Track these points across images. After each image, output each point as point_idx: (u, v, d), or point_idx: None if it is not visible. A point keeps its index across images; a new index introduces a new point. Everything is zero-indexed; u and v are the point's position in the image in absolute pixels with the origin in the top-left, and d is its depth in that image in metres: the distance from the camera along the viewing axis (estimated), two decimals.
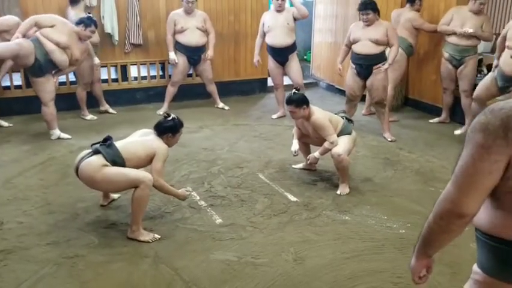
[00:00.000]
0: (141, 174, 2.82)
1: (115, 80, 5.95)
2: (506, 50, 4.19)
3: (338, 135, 3.59)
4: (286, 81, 5.77)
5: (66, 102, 5.23)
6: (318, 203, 3.38)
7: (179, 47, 5.54)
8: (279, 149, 4.49)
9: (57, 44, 4.39)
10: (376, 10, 4.58)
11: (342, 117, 3.74)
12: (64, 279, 2.47)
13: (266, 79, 6.79)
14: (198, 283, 2.45)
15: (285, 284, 2.47)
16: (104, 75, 5.75)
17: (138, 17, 5.70)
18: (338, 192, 3.54)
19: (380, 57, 4.67)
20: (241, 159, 4.21)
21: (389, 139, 4.75)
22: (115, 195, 3.37)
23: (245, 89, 6.56)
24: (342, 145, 3.54)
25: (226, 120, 5.45)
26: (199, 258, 2.69)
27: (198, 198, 3.44)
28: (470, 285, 1.35)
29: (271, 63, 5.51)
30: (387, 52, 4.74)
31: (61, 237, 2.86)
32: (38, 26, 4.42)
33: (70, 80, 5.58)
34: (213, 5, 6.11)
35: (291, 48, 5.38)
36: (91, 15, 4.69)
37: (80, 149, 4.37)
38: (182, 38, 5.49)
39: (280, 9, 5.28)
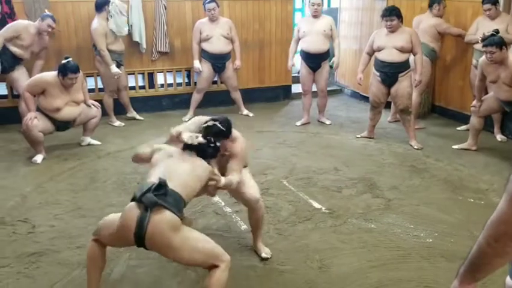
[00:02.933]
0: (218, 251, 2.14)
1: (142, 87, 6.06)
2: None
3: None
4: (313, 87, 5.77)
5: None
6: (343, 211, 3.36)
7: (204, 54, 5.62)
8: (304, 156, 4.49)
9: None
10: (400, 17, 4.57)
11: None
12: None
13: (290, 86, 6.81)
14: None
15: None
16: (131, 82, 5.88)
17: (165, 25, 5.80)
18: (263, 255, 2.77)
19: (405, 65, 4.65)
20: (265, 166, 4.22)
21: (416, 147, 4.69)
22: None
23: (269, 96, 6.59)
24: (253, 188, 2.68)
25: (250, 126, 5.47)
26: None
27: (223, 204, 3.47)
28: None
29: (303, 69, 5.52)
30: (411, 59, 4.71)
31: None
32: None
33: (98, 87, 5.72)
34: (238, 13, 6.18)
35: (325, 55, 5.40)
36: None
37: (108, 154, 4.51)
38: (208, 46, 5.57)
39: (316, 15, 5.29)
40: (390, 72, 4.66)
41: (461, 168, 4.18)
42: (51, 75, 4.28)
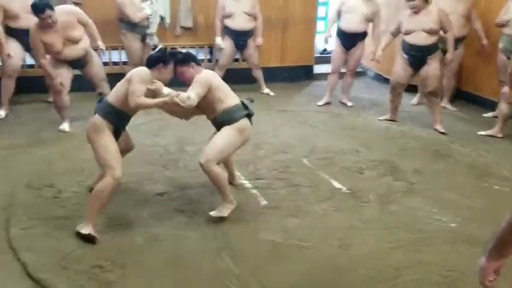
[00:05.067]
0: (114, 165, 2.67)
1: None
2: None
3: (220, 120, 2.91)
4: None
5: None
6: (364, 192, 3.34)
7: (226, 31, 5.57)
8: (324, 136, 4.46)
9: None
10: None
11: (242, 101, 2.98)
12: (117, 245, 2.59)
13: (312, 66, 6.74)
14: (244, 260, 2.50)
15: (330, 268, 2.47)
16: None
17: (189, 0, 5.74)
18: (211, 213, 2.87)
19: (434, 48, 4.55)
20: (285, 145, 4.21)
21: (441, 130, 4.63)
22: None
23: (291, 76, 6.52)
24: (212, 147, 2.83)
25: (270, 105, 5.46)
26: (245, 237, 2.73)
27: (243, 179, 3.47)
28: None
29: (338, 47, 5.42)
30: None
31: (112, 208, 2.96)
32: None
33: (123, 60, 5.72)
34: None
35: (362, 35, 5.30)
36: None
37: (130, 127, 4.51)
38: (230, 23, 5.51)
39: None
40: (419, 56, 4.57)
41: (486, 154, 4.10)
42: (33, 23, 4.03)
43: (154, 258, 2.50)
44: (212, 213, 2.87)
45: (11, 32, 4.61)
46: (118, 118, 2.82)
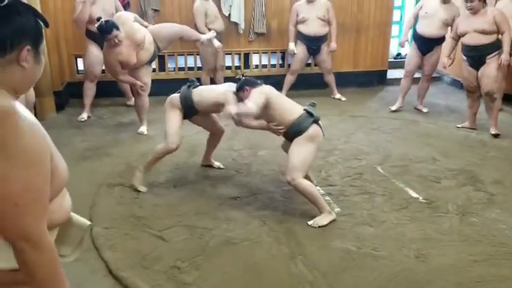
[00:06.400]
0: (171, 134, 3.29)
1: (238, 68, 6.18)
2: None
3: (291, 133, 3.01)
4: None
5: None
6: (442, 202, 3.22)
7: (300, 36, 5.60)
8: (399, 143, 4.35)
9: None
10: None
11: (305, 109, 3.04)
12: (192, 247, 2.68)
13: (385, 71, 6.59)
14: (317, 267, 2.49)
15: (407, 280, 2.41)
16: (228, 62, 6.01)
17: (263, 6, 5.85)
18: (309, 222, 2.91)
19: (492, 47, 4.37)
20: (358, 151, 4.15)
21: (492, 132, 4.49)
22: (216, 163, 3.76)
23: (363, 81, 6.42)
24: (293, 162, 2.89)
25: (342, 111, 5.41)
26: (318, 243, 2.73)
27: (314, 183, 3.46)
28: None
29: (413, 51, 5.30)
30: None
31: (189, 210, 3.09)
32: None
33: (198, 65, 5.93)
34: None
35: (440, 40, 5.15)
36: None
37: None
38: (304, 28, 5.53)
39: (446, 1, 5.01)
40: (477, 56, 4.43)
41: None
42: (103, 47, 4.26)
43: (228, 262, 2.56)
44: (310, 222, 2.92)
45: (91, 35, 4.82)
46: (191, 111, 3.36)
